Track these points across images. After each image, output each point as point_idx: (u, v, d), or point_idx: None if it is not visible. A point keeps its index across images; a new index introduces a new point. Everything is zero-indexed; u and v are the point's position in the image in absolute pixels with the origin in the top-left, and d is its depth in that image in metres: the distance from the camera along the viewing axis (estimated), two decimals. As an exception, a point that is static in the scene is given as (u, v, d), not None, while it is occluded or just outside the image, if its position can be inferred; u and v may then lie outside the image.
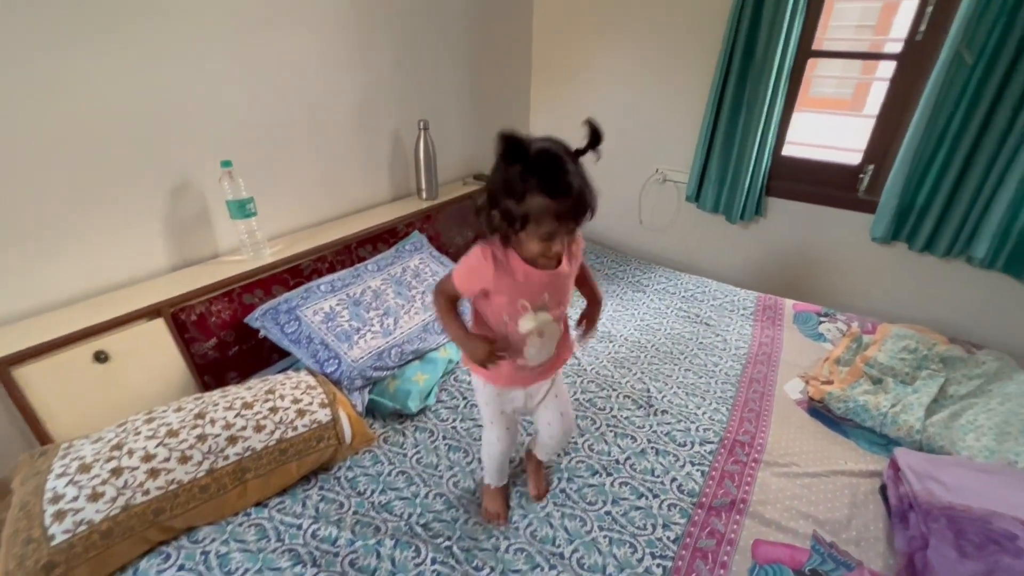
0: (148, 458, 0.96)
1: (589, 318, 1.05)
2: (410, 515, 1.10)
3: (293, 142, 1.61)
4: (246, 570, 0.94)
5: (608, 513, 1.12)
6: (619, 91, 2.30)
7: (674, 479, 1.20)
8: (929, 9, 1.64)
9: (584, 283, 1.05)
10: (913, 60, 1.72)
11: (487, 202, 0.81)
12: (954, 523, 0.91)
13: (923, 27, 1.67)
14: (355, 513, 1.09)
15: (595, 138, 0.79)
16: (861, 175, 1.93)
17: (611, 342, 1.72)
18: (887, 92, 1.80)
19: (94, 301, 1.25)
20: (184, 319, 1.30)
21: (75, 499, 0.90)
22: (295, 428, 1.11)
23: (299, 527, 1.04)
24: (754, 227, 2.21)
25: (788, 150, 2.08)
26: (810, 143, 2.08)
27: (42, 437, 1.10)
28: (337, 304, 1.45)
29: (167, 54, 1.25)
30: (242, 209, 1.42)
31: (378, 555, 1.00)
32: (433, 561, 1.00)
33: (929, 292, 1.92)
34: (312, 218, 1.76)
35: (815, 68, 2.12)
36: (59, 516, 0.87)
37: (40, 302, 1.18)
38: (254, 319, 1.38)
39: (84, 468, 0.93)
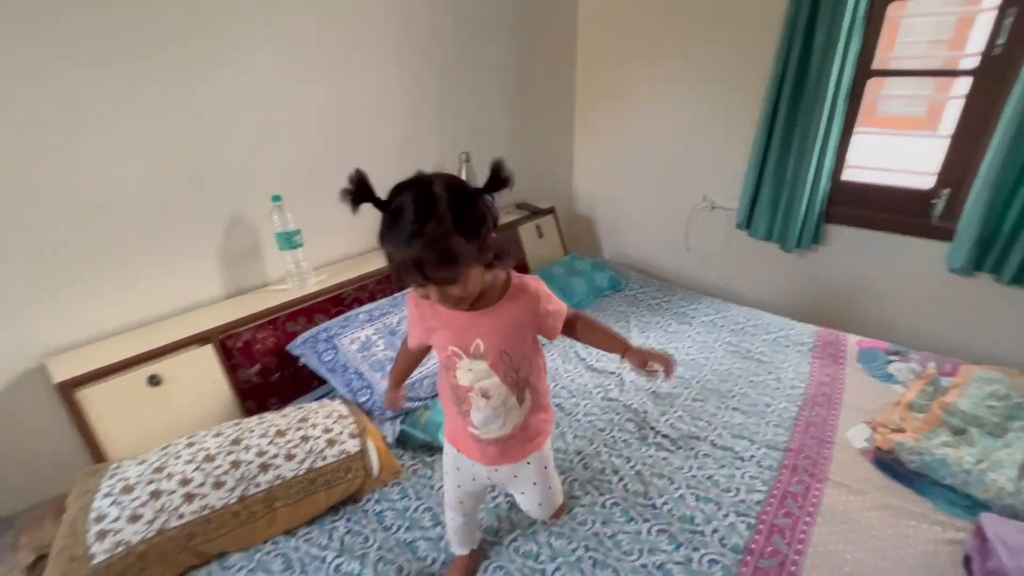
0: (185, 482, 0.99)
1: (633, 363, 0.90)
2: (433, 560, 1.07)
3: (340, 176, 1.67)
4: (269, 602, 0.95)
5: (644, 566, 1.04)
6: (664, 117, 2.26)
7: (716, 530, 1.11)
8: (1008, 21, 1.50)
9: (586, 335, 0.92)
10: (991, 76, 1.57)
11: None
12: (1055, 613, 0.77)
13: (1001, 40, 1.52)
14: (379, 548, 1.08)
15: (495, 180, 0.68)
16: (934, 200, 1.77)
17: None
18: (963, 111, 1.65)
19: (152, 327, 1.34)
20: (231, 346, 1.36)
21: (116, 519, 0.94)
22: (324, 458, 1.12)
23: (323, 559, 1.04)
24: (812, 256, 2.07)
25: (849, 174, 1.94)
26: (875, 166, 1.93)
27: (99, 456, 1.17)
28: (374, 333, 1.47)
29: (227, 105, 1.35)
30: (289, 241, 1.50)
31: (398, 596, 0.97)
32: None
33: (1020, 330, 1.70)
34: (357, 247, 1.83)
35: (882, 87, 1.98)
36: (101, 536, 0.92)
37: (104, 329, 1.29)
38: (295, 346, 1.43)
39: (127, 489, 0.98)
